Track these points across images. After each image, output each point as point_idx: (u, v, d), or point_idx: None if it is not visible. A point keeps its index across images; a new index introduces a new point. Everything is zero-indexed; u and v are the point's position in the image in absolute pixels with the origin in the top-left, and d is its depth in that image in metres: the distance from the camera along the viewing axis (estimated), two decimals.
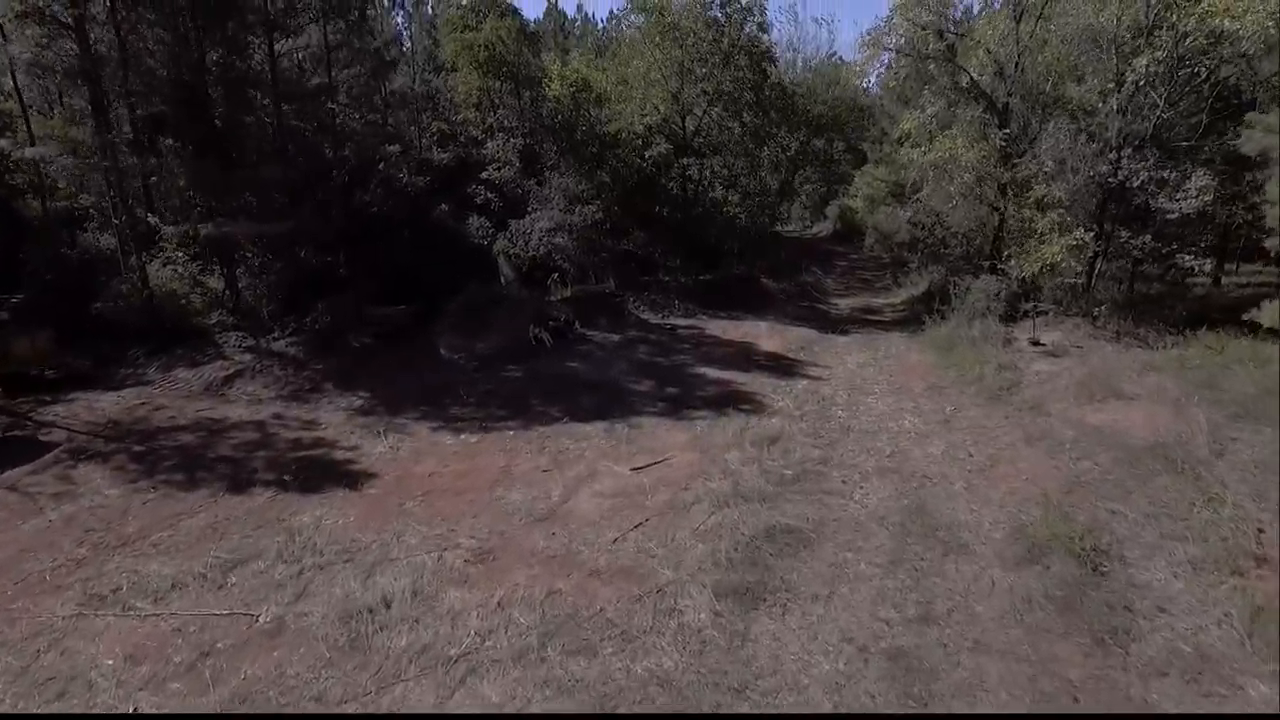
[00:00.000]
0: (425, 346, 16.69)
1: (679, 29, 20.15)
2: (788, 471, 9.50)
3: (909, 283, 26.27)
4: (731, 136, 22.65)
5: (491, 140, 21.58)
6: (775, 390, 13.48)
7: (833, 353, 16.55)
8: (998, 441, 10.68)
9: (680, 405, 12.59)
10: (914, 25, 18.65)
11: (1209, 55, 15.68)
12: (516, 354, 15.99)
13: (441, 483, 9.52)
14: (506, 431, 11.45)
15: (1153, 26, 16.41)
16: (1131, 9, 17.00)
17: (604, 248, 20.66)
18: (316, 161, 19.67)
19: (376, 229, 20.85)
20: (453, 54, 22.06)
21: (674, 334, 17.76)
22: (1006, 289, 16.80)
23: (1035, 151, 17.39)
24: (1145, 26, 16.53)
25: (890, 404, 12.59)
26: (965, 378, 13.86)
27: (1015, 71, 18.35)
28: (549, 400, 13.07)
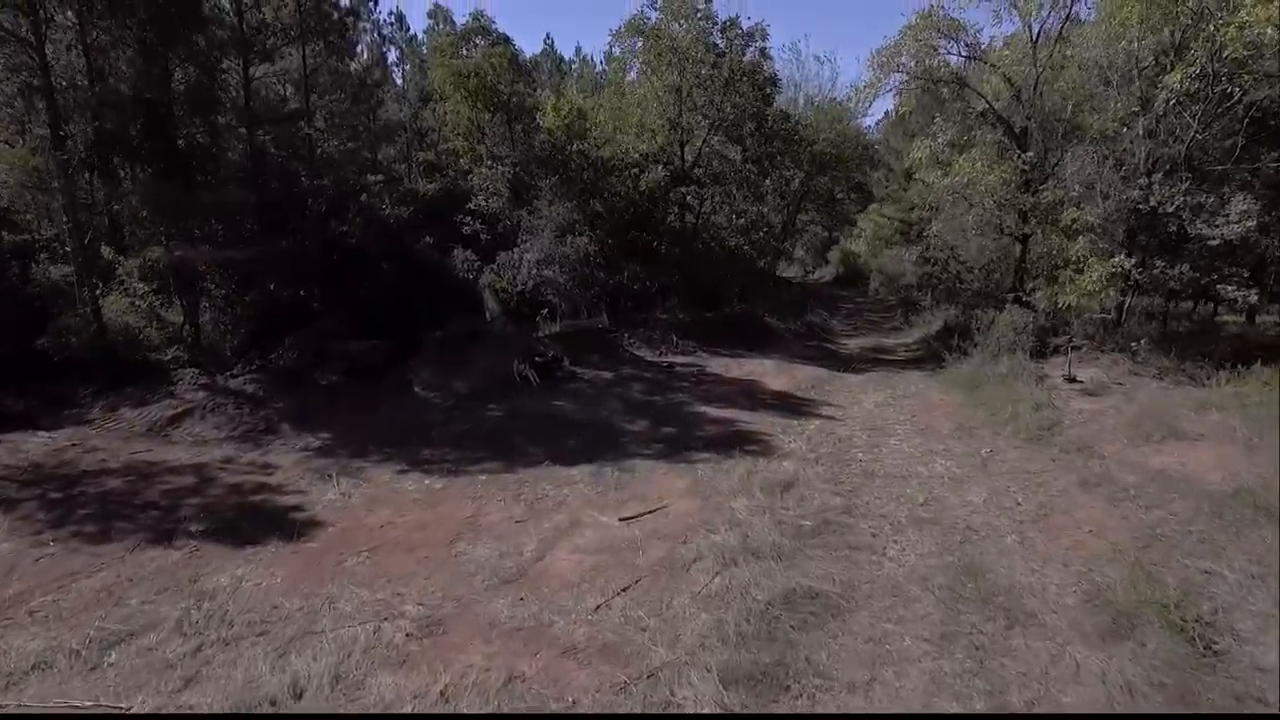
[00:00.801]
0: (399, 384, 15.39)
1: (677, 52, 19.38)
2: (805, 522, 8.10)
3: (921, 322, 25.14)
4: (733, 166, 21.75)
5: (479, 168, 20.61)
6: (785, 431, 12.13)
7: (846, 392, 15.25)
8: (1047, 488, 9.31)
9: (678, 447, 11.23)
10: (925, 47, 17.85)
11: (1246, 69, 14.78)
12: (498, 392, 14.68)
13: (394, 535, 8.11)
14: (478, 476, 10.07)
15: (1183, 43, 15.59)
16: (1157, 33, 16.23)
17: (597, 281, 19.53)
18: (291, 189, 18.67)
19: (354, 261, 19.74)
20: (440, 81, 21.27)
21: (671, 372, 16.48)
22: (1034, 323, 15.58)
23: (1060, 175, 16.39)
24: (1174, 44, 15.71)
25: (917, 446, 11.23)
26: (997, 417, 12.54)
27: (1034, 95, 17.50)
28: (530, 441, 11.72)
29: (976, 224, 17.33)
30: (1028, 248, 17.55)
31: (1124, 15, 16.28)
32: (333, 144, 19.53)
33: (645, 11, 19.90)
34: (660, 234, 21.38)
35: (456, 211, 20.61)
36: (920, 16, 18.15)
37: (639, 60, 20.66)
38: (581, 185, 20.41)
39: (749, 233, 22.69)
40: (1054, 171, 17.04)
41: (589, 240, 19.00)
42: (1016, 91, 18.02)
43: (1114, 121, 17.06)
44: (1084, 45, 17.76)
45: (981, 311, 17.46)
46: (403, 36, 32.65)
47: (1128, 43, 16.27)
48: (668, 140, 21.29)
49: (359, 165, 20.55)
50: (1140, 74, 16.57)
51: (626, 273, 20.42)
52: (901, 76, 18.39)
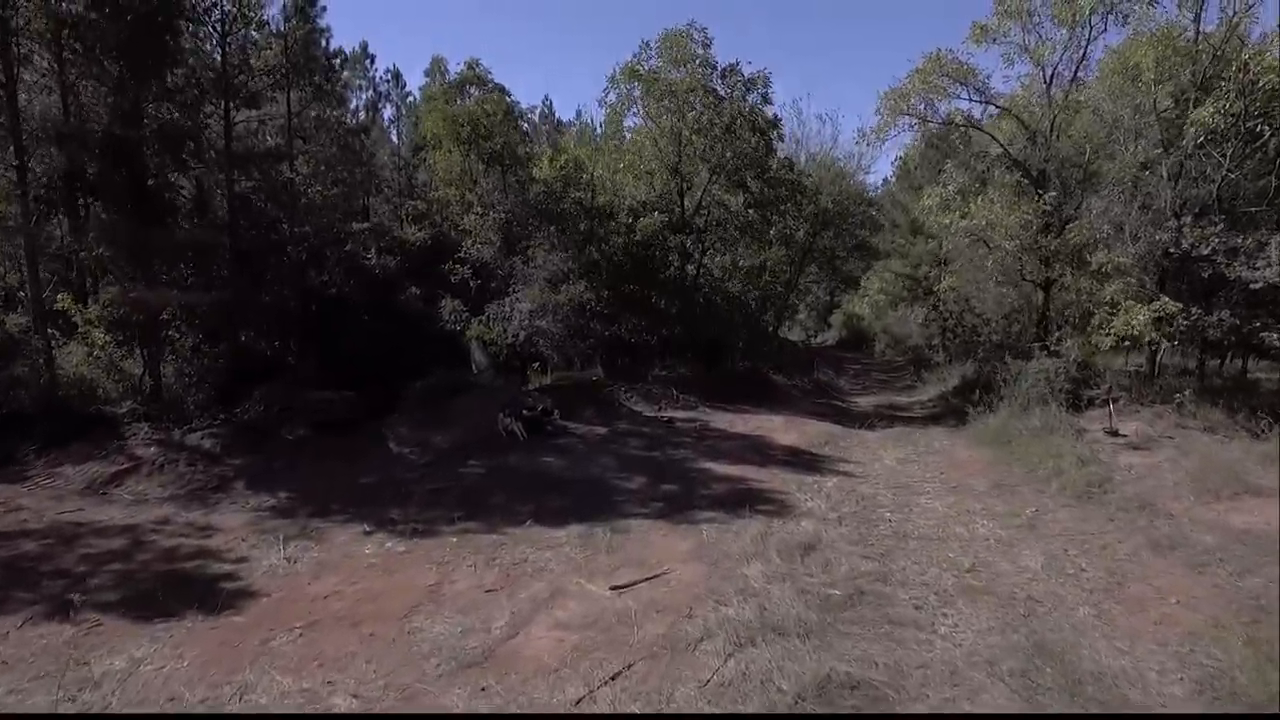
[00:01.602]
0: (373, 440, 14.17)
1: (675, 96, 18.87)
2: (834, 591, 6.81)
3: (935, 379, 24.06)
4: (735, 215, 21.03)
5: (469, 214, 19.86)
6: (801, 488, 10.87)
7: (864, 448, 14.03)
8: (1112, 551, 8.04)
9: (680, 506, 9.96)
10: (934, 89, 17.32)
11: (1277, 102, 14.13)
12: (481, 448, 13.45)
13: (338, 607, 6.79)
14: (449, 537, 8.77)
15: (1207, 80, 15.01)
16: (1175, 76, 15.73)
17: (592, 333, 18.51)
18: (269, 234, 17.87)
19: (335, 311, 18.81)
20: (432, 128, 20.76)
21: (671, 427, 15.28)
22: (1065, 373, 14.48)
23: (1083, 217, 15.56)
24: (1196, 82, 15.13)
25: (951, 504, 9.97)
26: (1037, 474, 11.33)
27: (1050, 138, 16.86)
28: (512, 500, 10.45)
29: (997, 270, 16.43)
30: (1050, 295, 16.61)
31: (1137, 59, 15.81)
32: (316, 190, 18.80)
33: (642, 57, 19.48)
34: (659, 285, 20.49)
35: (446, 261, 19.79)
36: (928, 60, 17.71)
37: (637, 106, 20.18)
38: (578, 234, 19.62)
39: (755, 278, 21.76)
40: (1076, 214, 16.23)
41: (584, 288, 18.06)
42: (1031, 135, 17.42)
43: (1132, 167, 16.39)
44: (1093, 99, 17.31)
45: (1002, 364, 16.35)
46: (399, 94, 32.64)
47: (1144, 88, 15.73)
48: (666, 188, 20.63)
49: (344, 213, 19.81)
50: (1159, 117, 15.97)
51: (623, 325, 19.42)
52: (910, 120, 17.79)
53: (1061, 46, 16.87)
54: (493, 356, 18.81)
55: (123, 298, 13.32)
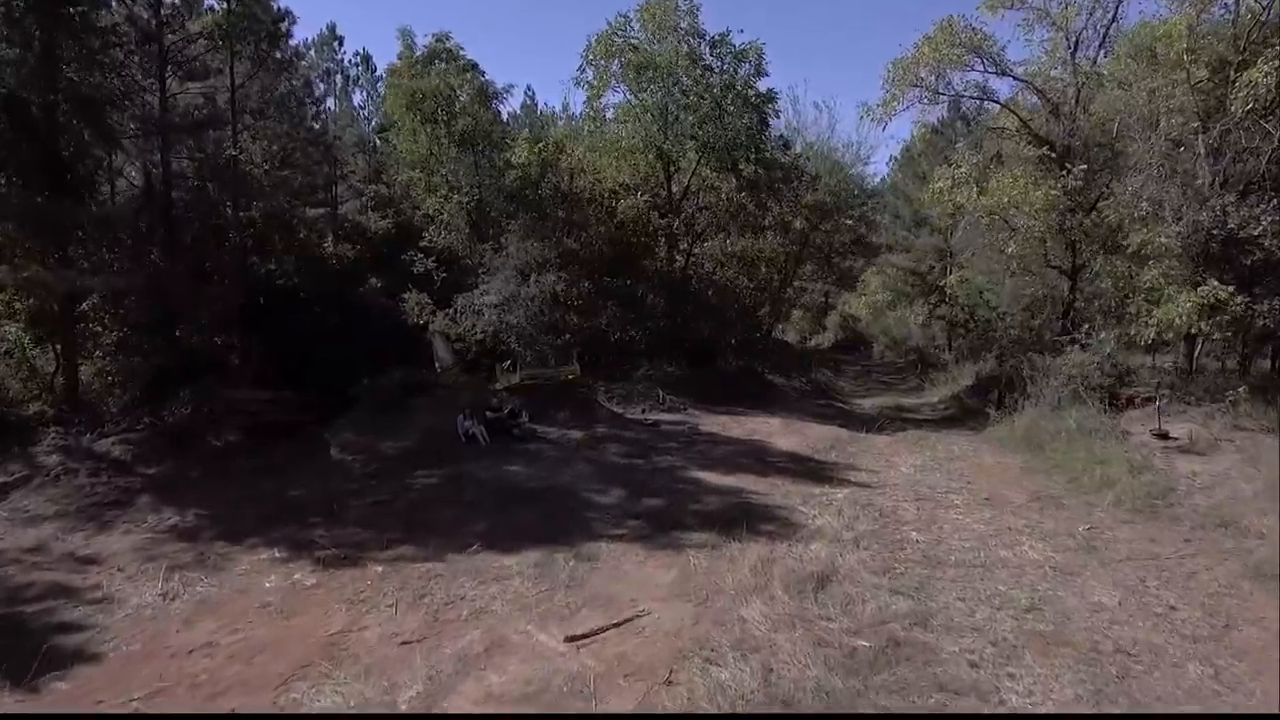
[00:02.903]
0: (313, 446, 12.52)
1: (658, 69, 17.31)
2: (861, 642, 5.23)
3: (944, 380, 22.61)
4: (727, 199, 19.47)
5: (432, 197, 18.24)
6: (807, 502, 9.29)
7: (874, 454, 12.47)
8: (1201, 581, 6.52)
9: (663, 524, 8.35)
10: (946, 59, 15.84)
11: None
12: (437, 455, 11.82)
13: (202, 668, 5.17)
14: (374, 567, 7.13)
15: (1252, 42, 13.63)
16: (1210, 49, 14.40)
17: (568, 328, 16.89)
18: (208, 217, 16.19)
19: (284, 304, 17.14)
20: (393, 105, 19.13)
21: (656, 430, 13.69)
22: (1101, 369, 12.98)
23: (1118, 195, 14.08)
24: (1243, 43, 13.74)
25: (987, 521, 8.42)
26: (1081, 483, 9.82)
27: (1075, 109, 15.41)
28: (464, 517, 8.83)
29: (1017, 256, 14.94)
30: (1078, 283, 15.14)
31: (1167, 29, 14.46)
32: (263, 169, 17.12)
33: (616, 26, 17.87)
34: (644, 276, 18.91)
35: (411, 250, 18.14)
36: (939, 27, 16.25)
37: (616, 81, 18.61)
38: (555, 221, 18.02)
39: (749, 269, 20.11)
40: (1108, 192, 14.77)
41: (557, 279, 16.45)
42: (1054, 108, 15.97)
43: (1165, 141, 14.98)
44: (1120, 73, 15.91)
45: (1025, 361, 14.84)
46: (369, 78, 31.02)
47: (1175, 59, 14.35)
48: (652, 170, 19.05)
49: (297, 197, 18.15)
50: (1193, 89, 14.55)
51: (605, 319, 17.83)
52: (921, 92, 16.31)
53: (1087, 10, 15.45)
54: (459, 353, 17.17)
55: (14, 278, 11.60)
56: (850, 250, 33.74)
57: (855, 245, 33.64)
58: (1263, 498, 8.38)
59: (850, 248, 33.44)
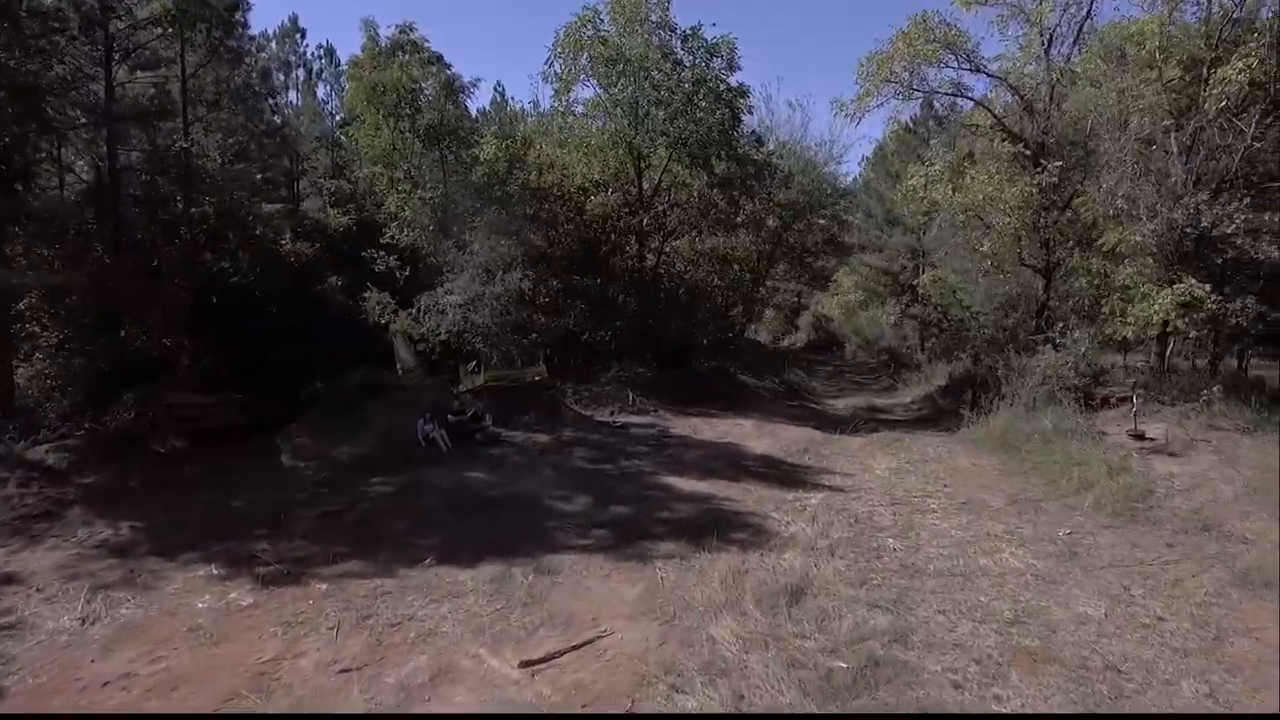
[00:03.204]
0: (264, 452, 11.95)
1: (628, 62, 16.91)
2: (839, 663, 4.89)
3: (917, 380, 22.51)
4: (699, 196, 19.15)
5: (394, 193, 17.67)
6: (780, 508, 8.96)
7: (849, 456, 12.21)
8: (1187, 589, 6.28)
9: (630, 534, 7.97)
10: (921, 54, 15.65)
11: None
12: (394, 461, 11.33)
13: (117, 702, 4.70)
14: (317, 584, 6.66)
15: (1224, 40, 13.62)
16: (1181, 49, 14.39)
17: (535, 327, 16.44)
18: (158, 211, 15.51)
19: (239, 303, 16.49)
20: (354, 98, 18.51)
21: (625, 434, 13.29)
22: (1076, 369, 12.85)
23: (1090, 192, 13.99)
24: (1215, 40, 13.73)
25: (966, 526, 8.16)
26: (1059, 486, 9.61)
27: (1049, 106, 15.31)
28: (418, 528, 8.38)
29: (992, 254, 14.79)
30: (1052, 282, 15.03)
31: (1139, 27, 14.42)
32: (217, 163, 16.44)
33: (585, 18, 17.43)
34: (614, 275, 18.51)
35: (372, 248, 17.56)
36: (913, 23, 16.05)
37: (585, 74, 18.17)
38: (523, 218, 17.55)
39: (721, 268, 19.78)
40: (1079, 191, 14.68)
41: (524, 278, 16.01)
42: (1028, 105, 15.86)
43: (1137, 140, 14.95)
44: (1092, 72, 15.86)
45: (1001, 360, 14.69)
46: (333, 72, 30.24)
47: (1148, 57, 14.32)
48: (622, 166, 18.66)
49: (254, 192, 17.47)
50: (1165, 87, 14.50)
51: (573, 318, 17.40)
52: (895, 88, 16.10)
53: (1061, 6, 15.35)
54: (421, 354, 16.62)
55: None
56: (823, 250, 33.66)
57: (828, 245, 33.56)
58: (1244, 500, 8.22)
59: (823, 247, 33.35)
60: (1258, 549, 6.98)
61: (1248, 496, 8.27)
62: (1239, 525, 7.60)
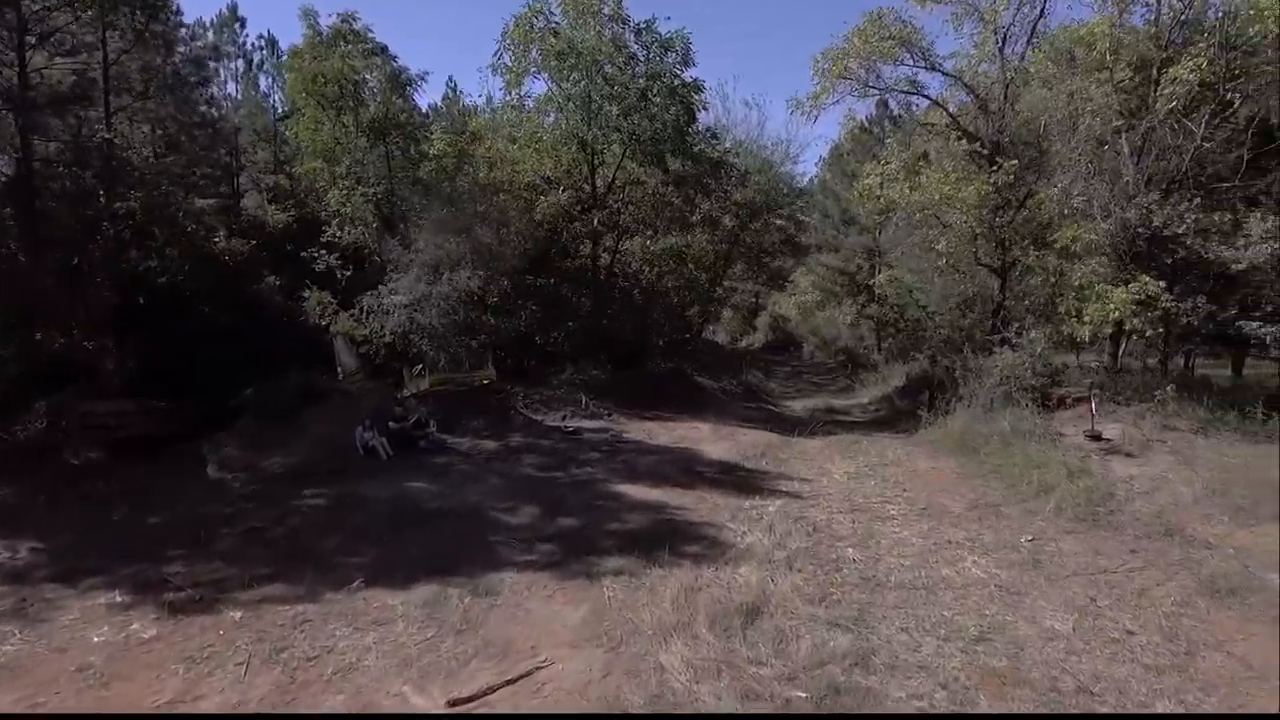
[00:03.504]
0: (189, 463, 11.22)
1: (580, 55, 16.44)
2: (798, 693, 4.55)
3: (874, 380, 22.49)
4: (653, 194, 18.76)
5: (334, 189, 16.94)
6: (736, 516, 8.61)
7: (807, 460, 11.94)
8: (1153, 598, 6.09)
9: (578, 548, 7.53)
10: (876, 51, 15.51)
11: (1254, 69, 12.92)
12: (330, 471, 10.72)
13: None
14: (231, 612, 6.09)
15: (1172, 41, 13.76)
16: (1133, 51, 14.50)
17: (484, 329, 15.88)
18: (78, 206, 14.57)
19: (167, 304, 15.64)
20: (293, 90, 17.73)
21: (577, 439, 12.83)
22: (1033, 369, 12.78)
23: (1046, 192, 13.98)
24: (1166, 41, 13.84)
25: (926, 534, 7.91)
26: (1019, 490, 9.42)
27: (1004, 105, 15.29)
28: (351, 545, 7.83)
29: (948, 253, 14.69)
30: (1008, 282, 14.99)
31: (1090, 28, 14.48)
32: (144, 155, 15.54)
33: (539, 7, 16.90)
34: (566, 275, 18.03)
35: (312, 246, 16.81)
36: (869, 19, 15.89)
37: (536, 67, 17.64)
38: (470, 215, 16.96)
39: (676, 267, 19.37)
40: (1033, 191, 14.67)
41: (472, 277, 15.44)
42: (982, 104, 15.83)
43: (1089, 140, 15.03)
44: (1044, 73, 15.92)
45: (959, 360, 14.59)
46: (275, 64, 29.09)
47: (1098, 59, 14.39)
48: (574, 162, 18.18)
49: (192, 187, 16.60)
50: (1116, 88, 14.58)
51: (524, 320, 16.86)
52: (851, 84, 15.93)
53: (1015, 4, 15.34)
54: (365, 357, 15.95)
55: None
56: (780, 250, 33.61)
57: (785, 245, 33.52)
58: (1204, 502, 8.12)
59: (780, 247, 33.31)
60: (1220, 554, 6.84)
61: (1208, 499, 8.18)
62: (1200, 529, 7.47)
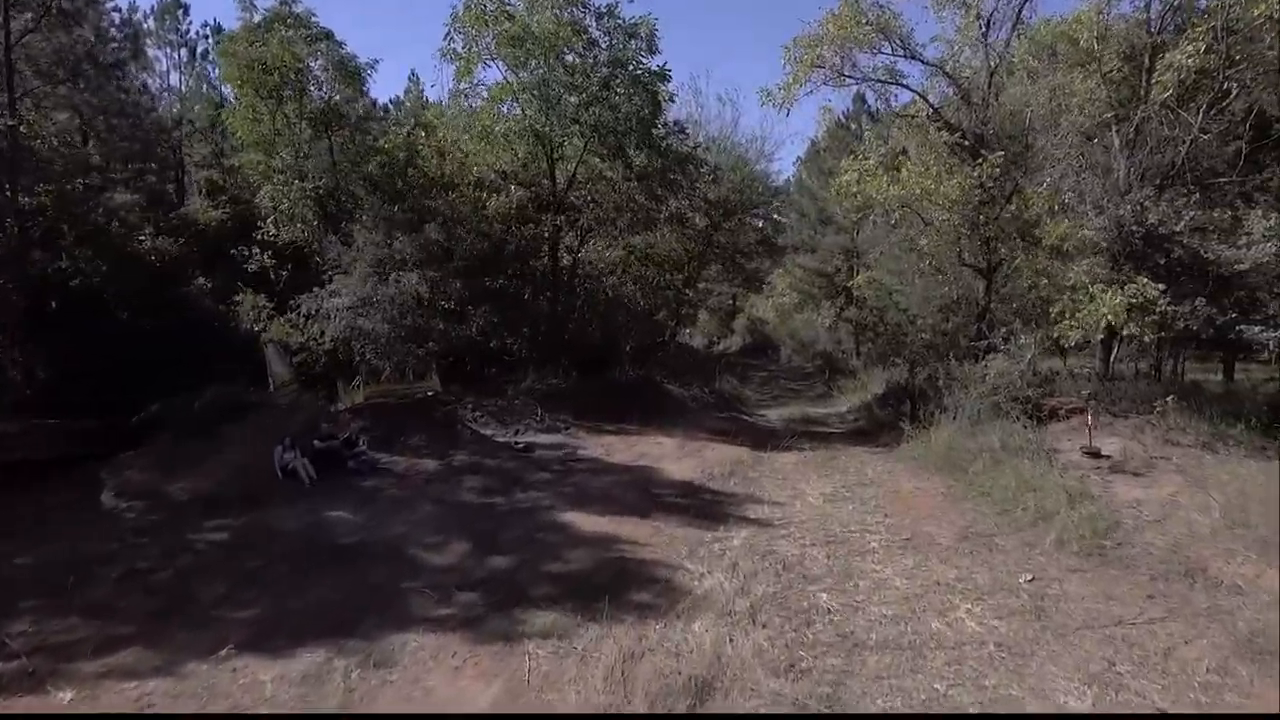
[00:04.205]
0: (83, 490, 9.99)
1: (537, 40, 15.35)
2: None
3: (853, 387, 21.60)
4: (617, 190, 17.71)
5: (268, 183, 15.73)
6: (695, 552, 7.58)
7: (779, 479, 10.95)
8: (1186, 664, 5.14)
9: (505, 598, 6.45)
10: (852, 38, 14.60)
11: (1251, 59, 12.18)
12: (244, 497, 9.55)
13: None
14: (62, 692, 4.95)
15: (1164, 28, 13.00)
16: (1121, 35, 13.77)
17: (433, 334, 14.74)
18: None
19: (81, 308, 14.36)
20: (228, 78, 16.52)
21: (528, 457, 11.73)
22: (1024, 378, 11.90)
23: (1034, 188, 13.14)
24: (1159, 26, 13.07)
25: (911, 572, 6.93)
26: (1015, 517, 8.49)
27: (988, 94, 14.46)
28: (241, 593, 6.70)
29: (931, 252, 13.82)
30: (993, 283, 14.14)
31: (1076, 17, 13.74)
32: (51, 145, 14.24)
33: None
34: (523, 277, 16.92)
35: (243, 245, 15.59)
36: (845, 3, 14.99)
37: (491, 56, 16.51)
38: (420, 212, 15.84)
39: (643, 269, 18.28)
40: (1019, 187, 13.83)
41: (421, 278, 14.33)
42: (965, 94, 14.99)
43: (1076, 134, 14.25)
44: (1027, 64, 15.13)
45: (942, 368, 13.69)
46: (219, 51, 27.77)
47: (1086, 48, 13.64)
48: (532, 155, 17.09)
49: (99, 178, 15.30)
50: (1105, 79, 13.81)
51: (477, 325, 15.74)
52: (826, 74, 15.00)
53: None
54: (303, 367, 14.74)
55: None
56: (756, 250, 32.78)
57: (761, 245, 32.69)
58: (1224, 535, 7.20)
59: (756, 248, 32.48)
60: (1253, 601, 5.91)
61: (1228, 530, 7.27)
62: (1225, 568, 6.54)
